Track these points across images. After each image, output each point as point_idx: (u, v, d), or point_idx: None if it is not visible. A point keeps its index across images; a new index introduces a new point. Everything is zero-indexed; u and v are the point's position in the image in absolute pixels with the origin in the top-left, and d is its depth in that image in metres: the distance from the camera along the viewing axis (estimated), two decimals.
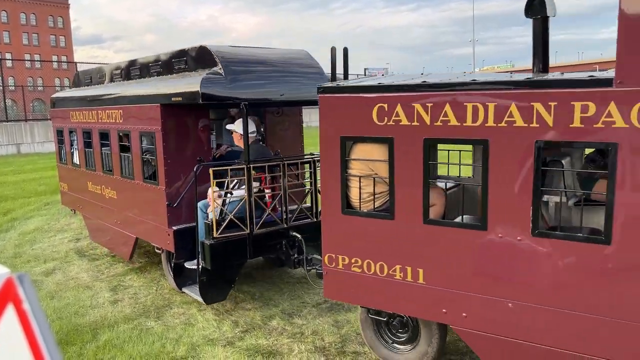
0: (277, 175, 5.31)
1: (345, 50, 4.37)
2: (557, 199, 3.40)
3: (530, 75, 3.51)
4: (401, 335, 4.19)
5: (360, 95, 3.79)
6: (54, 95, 8.91)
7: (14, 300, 0.88)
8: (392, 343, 4.23)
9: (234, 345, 4.66)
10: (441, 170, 5.15)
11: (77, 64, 26.45)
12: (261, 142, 6.10)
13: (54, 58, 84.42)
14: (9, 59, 70.78)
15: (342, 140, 3.88)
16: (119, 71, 7.06)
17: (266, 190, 5.36)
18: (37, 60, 76.94)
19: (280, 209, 5.38)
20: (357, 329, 4.76)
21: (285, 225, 5.38)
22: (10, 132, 23.25)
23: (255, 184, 5.11)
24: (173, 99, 5.32)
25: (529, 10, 3.40)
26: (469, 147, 4.06)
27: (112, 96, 6.63)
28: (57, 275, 6.81)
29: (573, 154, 3.75)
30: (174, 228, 5.45)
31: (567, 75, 3.18)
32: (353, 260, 3.98)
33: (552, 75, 3.31)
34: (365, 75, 34.54)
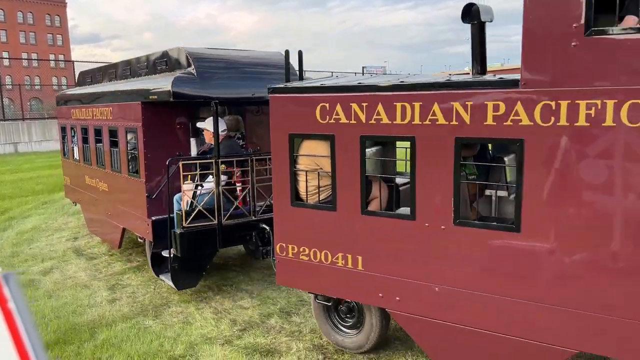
0: (246, 170, 5.57)
1: (300, 53, 4.78)
2: (502, 192, 3.60)
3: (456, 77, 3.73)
4: (348, 320, 4.47)
5: (305, 95, 4.08)
6: (58, 94, 9.44)
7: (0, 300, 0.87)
8: (340, 327, 4.50)
9: (232, 343, 4.66)
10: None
11: (75, 62, 26.33)
12: (241, 140, 6.38)
13: (51, 57, 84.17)
14: (6, 58, 70.56)
15: (291, 137, 4.16)
16: (113, 71, 7.47)
17: (237, 184, 5.63)
18: (35, 59, 76.71)
19: (250, 202, 5.61)
20: None
21: (254, 218, 5.59)
22: (8, 131, 23.18)
23: (223, 177, 5.36)
24: (150, 97, 5.68)
25: (466, 16, 3.52)
26: None
27: (105, 95, 7.00)
28: (54, 274, 6.79)
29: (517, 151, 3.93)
30: (153, 218, 5.76)
31: (481, 77, 3.46)
32: (301, 249, 4.27)
33: (469, 78, 3.58)
34: (363, 73, 34.55)
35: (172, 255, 5.47)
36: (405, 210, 3.82)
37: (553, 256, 3.13)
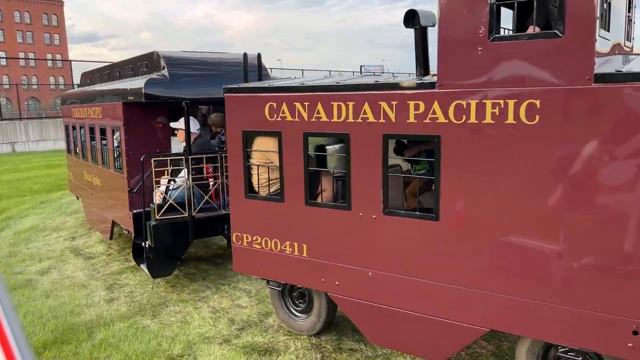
0: (217, 167, 5.93)
1: (259, 56, 5.25)
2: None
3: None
4: (300, 304, 4.83)
5: (256, 95, 4.43)
6: (62, 94, 10.16)
7: None
8: (293, 311, 4.87)
9: (230, 342, 4.66)
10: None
11: (72, 62, 26.25)
12: (223, 137, 6.75)
13: (49, 56, 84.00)
14: (4, 57, 70.35)
15: (244, 134, 4.53)
16: (107, 72, 8.00)
17: (209, 180, 6.00)
18: (32, 59, 76.51)
19: (221, 196, 5.98)
20: (352, 326, 4.76)
21: (224, 211, 5.91)
22: (5, 131, 23.11)
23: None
24: (128, 97, 6.13)
25: (408, 22, 3.69)
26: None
27: (96, 95, 7.47)
28: (52, 274, 6.78)
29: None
30: (134, 211, 6.13)
31: (404, 79, 3.78)
32: (254, 238, 4.65)
33: (395, 79, 3.93)
34: (361, 72, 34.52)
35: (147, 246, 5.80)
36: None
37: (468, 242, 3.45)
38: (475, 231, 3.41)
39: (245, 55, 4.98)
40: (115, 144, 6.59)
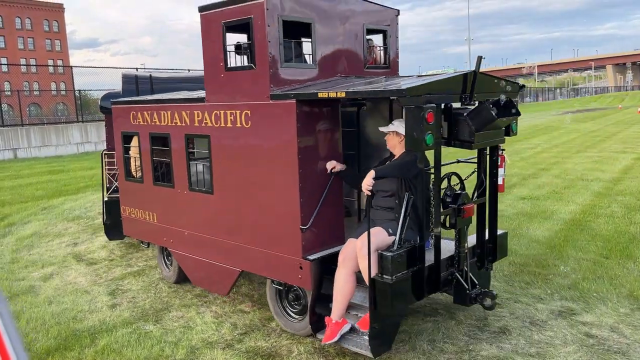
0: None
1: (150, 76, 7.65)
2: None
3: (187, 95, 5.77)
4: (169, 259, 6.42)
5: (125, 106, 6.26)
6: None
7: None
8: (166, 265, 6.49)
9: (233, 347, 4.65)
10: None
11: (73, 68, 26.28)
12: None
13: (50, 62, 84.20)
14: (5, 64, 70.57)
15: (122, 134, 6.40)
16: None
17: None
18: (33, 65, 76.69)
19: None
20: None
21: None
22: (7, 137, 23.14)
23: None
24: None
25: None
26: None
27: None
28: (55, 280, 6.78)
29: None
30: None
31: (192, 95, 5.50)
32: (131, 210, 6.52)
33: (189, 95, 5.73)
34: None
35: (104, 217, 7.83)
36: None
37: (228, 209, 4.96)
38: (227, 199, 4.94)
39: (136, 77, 7.42)
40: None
